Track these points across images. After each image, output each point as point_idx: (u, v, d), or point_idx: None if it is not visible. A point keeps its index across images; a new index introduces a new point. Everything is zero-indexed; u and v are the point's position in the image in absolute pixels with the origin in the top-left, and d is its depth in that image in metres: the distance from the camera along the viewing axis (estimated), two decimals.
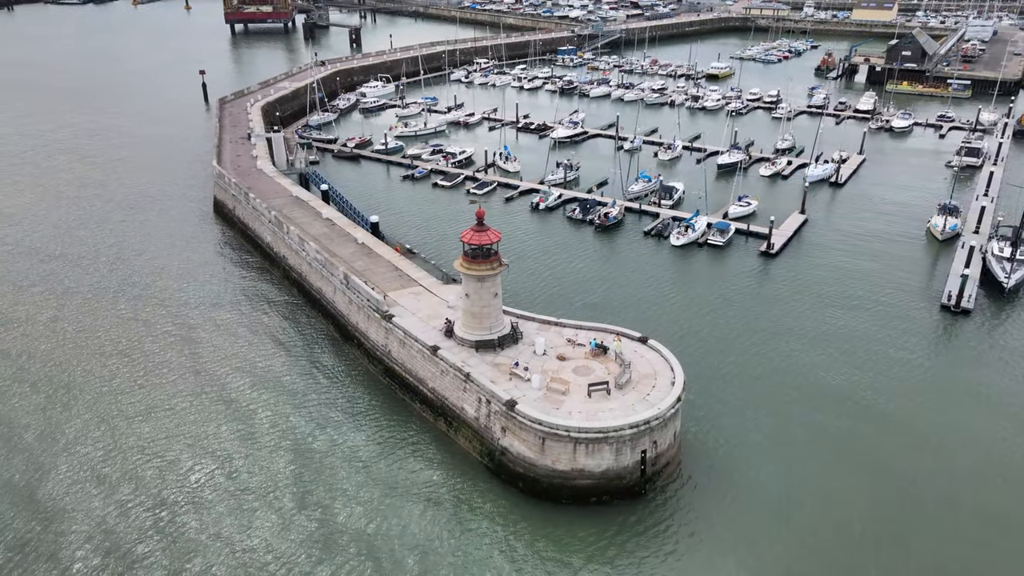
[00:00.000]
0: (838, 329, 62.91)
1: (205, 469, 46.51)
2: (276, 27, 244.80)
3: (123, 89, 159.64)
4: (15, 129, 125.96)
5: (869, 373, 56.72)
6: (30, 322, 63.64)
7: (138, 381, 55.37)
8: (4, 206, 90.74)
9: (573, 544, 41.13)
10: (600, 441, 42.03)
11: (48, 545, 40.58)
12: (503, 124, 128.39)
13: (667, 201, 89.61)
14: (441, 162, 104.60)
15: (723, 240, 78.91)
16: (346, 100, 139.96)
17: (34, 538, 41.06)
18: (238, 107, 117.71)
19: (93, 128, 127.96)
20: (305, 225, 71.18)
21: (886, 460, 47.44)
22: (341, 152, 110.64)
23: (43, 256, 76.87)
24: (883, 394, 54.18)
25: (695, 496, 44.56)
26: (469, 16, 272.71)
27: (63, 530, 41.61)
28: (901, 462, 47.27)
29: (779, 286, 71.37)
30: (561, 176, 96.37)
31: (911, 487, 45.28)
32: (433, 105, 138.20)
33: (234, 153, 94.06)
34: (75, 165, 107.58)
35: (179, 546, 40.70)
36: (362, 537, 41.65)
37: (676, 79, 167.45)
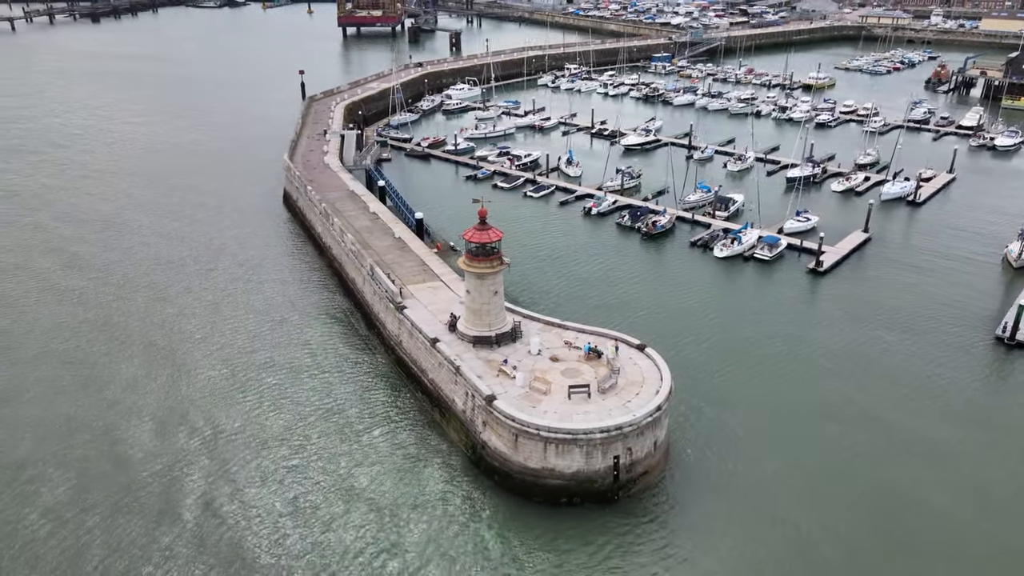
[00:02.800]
0: (874, 352, 59.83)
1: (206, 419, 50.27)
2: (384, 31, 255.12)
3: (234, 84, 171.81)
4: (130, 115, 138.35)
5: (896, 397, 53.85)
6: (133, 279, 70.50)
7: (188, 333, 60.40)
8: (107, 183, 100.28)
9: (537, 542, 41.66)
10: (569, 442, 42.43)
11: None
12: (578, 129, 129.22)
13: (722, 212, 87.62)
14: (506, 164, 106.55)
15: (770, 255, 76.48)
16: (430, 101, 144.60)
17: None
18: (324, 105, 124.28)
19: (199, 118, 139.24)
20: (351, 218, 74.91)
21: (900, 491, 45.13)
22: (413, 151, 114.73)
23: (138, 226, 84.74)
24: (908, 420, 51.30)
25: (671, 510, 43.91)
26: (572, 22, 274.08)
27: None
28: (918, 494, 44.83)
29: (820, 304, 68.68)
30: (618, 182, 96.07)
31: (933, 524, 42.90)
32: (514, 109, 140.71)
33: (307, 148, 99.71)
34: (175, 151, 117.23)
35: (171, 495, 44.45)
36: (330, 506, 44.01)
37: (769, 89, 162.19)
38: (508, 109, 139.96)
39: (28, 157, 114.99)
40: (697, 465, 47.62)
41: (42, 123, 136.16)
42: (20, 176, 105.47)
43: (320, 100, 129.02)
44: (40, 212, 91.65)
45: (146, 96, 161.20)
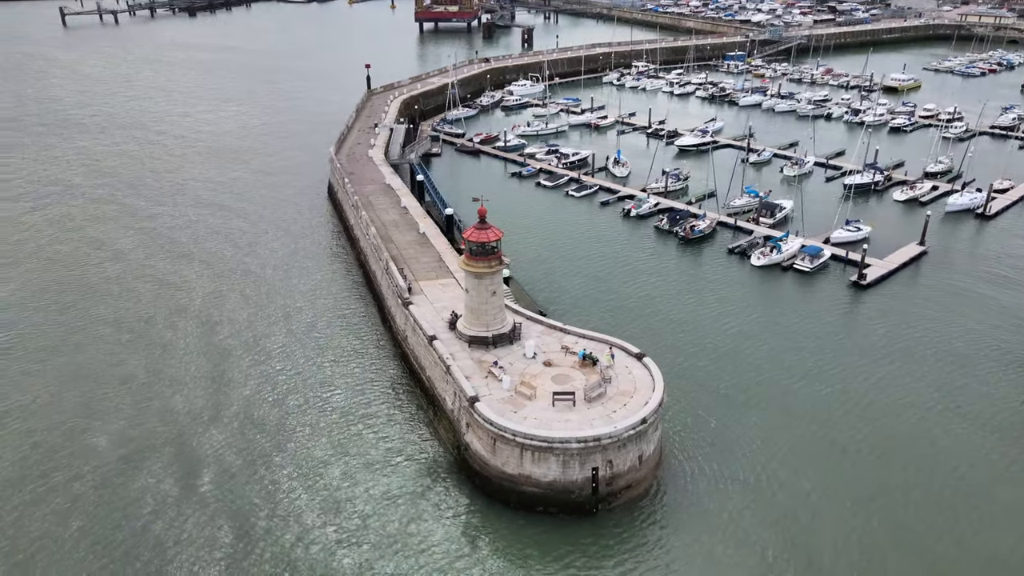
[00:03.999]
0: (907, 381, 55.69)
1: (203, 394, 51.73)
2: (460, 26, 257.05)
3: (308, 76, 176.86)
4: (207, 102, 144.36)
5: (925, 439, 49.97)
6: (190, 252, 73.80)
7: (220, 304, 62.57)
8: (177, 161, 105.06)
9: (506, 549, 40.98)
10: (545, 450, 41.41)
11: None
12: (634, 128, 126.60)
13: (767, 219, 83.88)
14: (553, 162, 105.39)
15: (811, 265, 72.69)
16: (490, 97, 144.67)
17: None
18: (382, 99, 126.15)
19: (269, 107, 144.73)
20: (381, 211, 75.70)
21: (914, 540, 42.14)
22: (464, 147, 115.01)
23: (198, 200, 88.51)
24: (938, 468, 47.61)
25: (651, 528, 42.33)
26: (650, 19, 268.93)
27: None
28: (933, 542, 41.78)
29: (856, 321, 64.71)
30: (662, 184, 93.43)
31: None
32: (573, 106, 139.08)
33: (355, 141, 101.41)
34: (242, 137, 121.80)
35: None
36: (311, 493, 44.60)
37: (847, 90, 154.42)
38: (567, 106, 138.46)
39: (112, 135, 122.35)
40: (691, 483, 45.71)
41: (126, 106, 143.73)
42: (103, 153, 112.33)
43: (379, 94, 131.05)
44: (115, 185, 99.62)
45: (224, 84, 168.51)
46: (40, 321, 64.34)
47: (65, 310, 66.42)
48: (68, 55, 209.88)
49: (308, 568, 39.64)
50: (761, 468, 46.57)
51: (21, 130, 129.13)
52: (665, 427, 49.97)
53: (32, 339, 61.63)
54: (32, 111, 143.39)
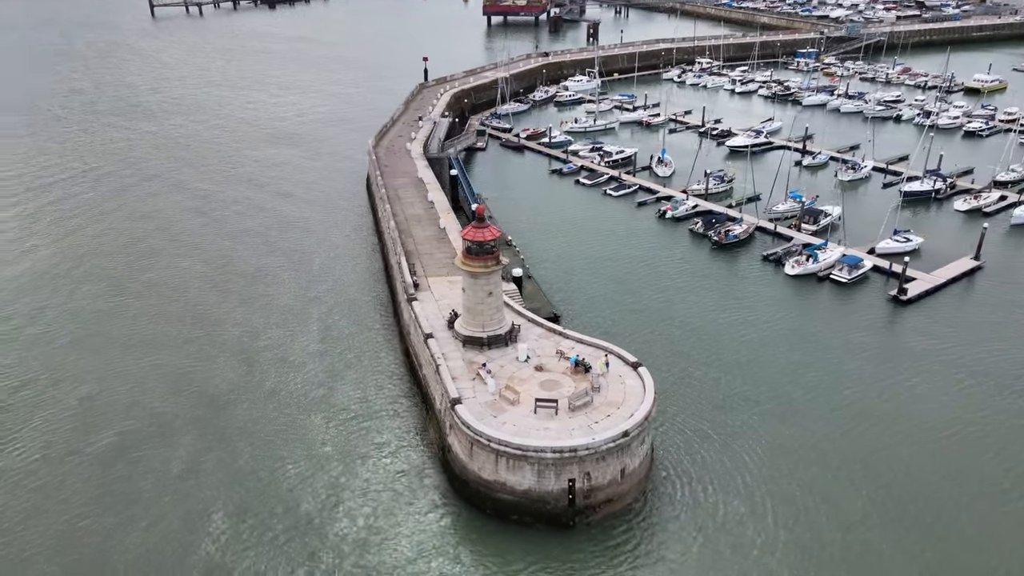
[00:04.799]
0: (937, 407, 51.75)
1: (202, 375, 52.69)
2: (529, 20, 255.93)
3: (370, 66, 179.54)
4: (270, 89, 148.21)
5: (937, 457, 46.58)
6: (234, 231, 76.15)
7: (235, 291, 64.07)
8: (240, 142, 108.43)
9: (473, 556, 40.13)
10: (520, 458, 40.24)
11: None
12: (687, 127, 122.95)
13: (809, 226, 79.75)
14: (596, 160, 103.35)
15: (849, 277, 68.71)
16: (544, 92, 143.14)
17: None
18: (433, 92, 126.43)
19: (329, 96, 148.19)
20: (407, 205, 75.68)
21: None
22: (509, 142, 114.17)
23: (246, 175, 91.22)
24: (947, 485, 44.34)
25: (629, 545, 40.59)
26: (724, 14, 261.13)
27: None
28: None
29: (890, 339, 60.65)
30: (703, 186, 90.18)
31: None
32: (628, 103, 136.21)
33: (397, 134, 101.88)
34: (297, 125, 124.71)
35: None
36: (293, 481, 44.86)
37: (924, 91, 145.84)
38: (621, 103, 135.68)
39: (177, 119, 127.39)
40: (681, 502, 43.66)
41: (194, 93, 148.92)
42: (166, 135, 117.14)
43: (431, 87, 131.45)
44: (173, 165, 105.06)
45: (289, 73, 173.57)
46: (89, 287, 67.32)
47: (109, 276, 71.07)
48: (150, 44, 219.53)
49: (264, 557, 39.72)
50: (761, 492, 44.04)
51: (95, 113, 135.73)
52: (661, 440, 48.22)
53: (85, 300, 65.52)
54: (108, 95, 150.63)
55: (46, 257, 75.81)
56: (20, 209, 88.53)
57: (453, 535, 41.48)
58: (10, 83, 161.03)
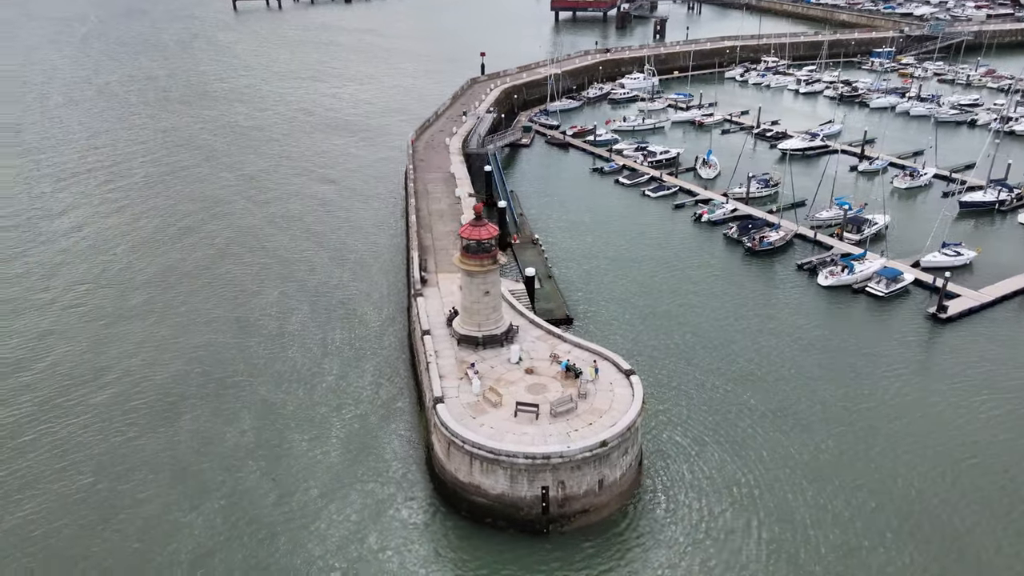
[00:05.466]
0: (953, 432, 48.40)
1: (210, 353, 54.01)
2: (597, 15, 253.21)
3: (431, 59, 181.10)
4: (328, 80, 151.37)
5: (954, 497, 43.46)
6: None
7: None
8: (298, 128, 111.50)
9: (448, 557, 39.75)
10: (493, 462, 39.60)
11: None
12: (740, 128, 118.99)
13: (852, 235, 75.78)
14: (640, 159, 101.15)
15: (886, 290, 64.97)
16: (598, 89, 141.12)
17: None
18: (483, 87, 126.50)
19: (384, 87, 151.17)
20: (434, 200, 75.83)
21: None
22: (554, 139, 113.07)
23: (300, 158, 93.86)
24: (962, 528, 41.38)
25: (602, 559, 39.41)
26: (801, 11, 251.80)
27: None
28: None
29: (917, 358, 56.94)
30: (744, 190, 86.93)
31: None
32: (684, 102, 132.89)
33: (439, 128, 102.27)
34: (350, 115, 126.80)
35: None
36: (272, 464, 45.70)
37: (1007, 94, 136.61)
38: (676, 102, 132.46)
39: (239, 106, 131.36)
40: (665, 517, 42.07)
41: (258, 82, 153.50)
42: (226, 120, 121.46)
43: (482, 82, 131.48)
44: (228, 148, 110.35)
45: (351, 64, 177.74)
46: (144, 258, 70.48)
47: (154, 250, 75.33)
48: (227, 36, 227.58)
49: (243, 542, 40.39)
50: (753, 513, 42.00)
51: (164, 99, 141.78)
52: (655, 451, 46.75)
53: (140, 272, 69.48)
54: (180, 83, 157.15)
55: (96, 232, 79.51)
56: (76, 189, 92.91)
57: (426, 534, 41.19)
58: (97, 70, 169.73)
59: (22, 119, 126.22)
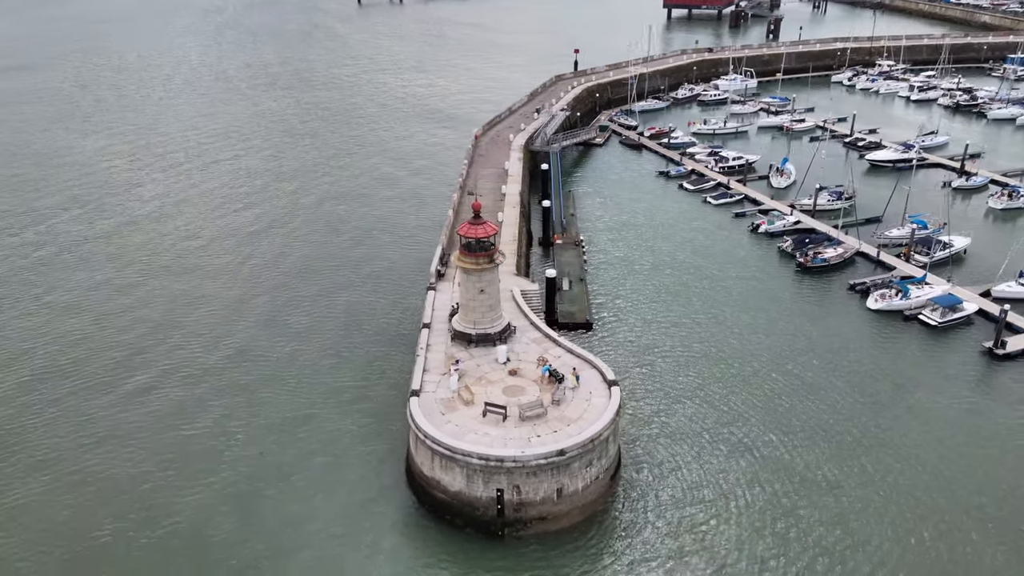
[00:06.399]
0: (964, 478, 44.19)
1: (224, 329, 57.02)
2: (711, 13, 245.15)
3: (528, 53, 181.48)
4: (427, 72, 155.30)
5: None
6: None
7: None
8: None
9: (403, 547, 40.44)
10: (450, 459, 39.84)
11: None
12: (832, 136, 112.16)
13: (921, 256, 69.93)
14: (711, 164, 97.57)
15: (940, 319, 59.71)
16: (688, 90, 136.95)
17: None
18: (566, 85, 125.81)
19: (474, 80, 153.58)
20: (480, 196, 76.27)
21: None
22: (628, 140, 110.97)
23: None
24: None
25: (554, 570, 38.88)
26: (939, 11, 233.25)
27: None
28: None
29: (953, 397, 51.91)
30: (811, 202, 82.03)
31: None
32: (780, 106, 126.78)
33: (508, 124, 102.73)
34: (438, 107, 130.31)
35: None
36: (244, 442, 47.88)
37: None
38: (769, 106, 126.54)
39: (335, 93, 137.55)
40: (630, 535, 40.92)
41: (359, 72, 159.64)
42: (320, 106, 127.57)
43: (567, 79, 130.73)
44: (315, 131, 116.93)
45: (451, 56, 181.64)
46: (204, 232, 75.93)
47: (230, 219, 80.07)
48: (344, 28, 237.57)
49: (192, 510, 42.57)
50: (725, 544, 40.09)
51: (272, 86, 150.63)
52: (639, 464, 45.53)
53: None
54: (288, 71, 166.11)
55: (185, 206, 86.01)
56: (169, 171, 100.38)
57: (389, 522, 41.83)
58: (220, 57, 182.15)
59: (141, 102, 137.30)
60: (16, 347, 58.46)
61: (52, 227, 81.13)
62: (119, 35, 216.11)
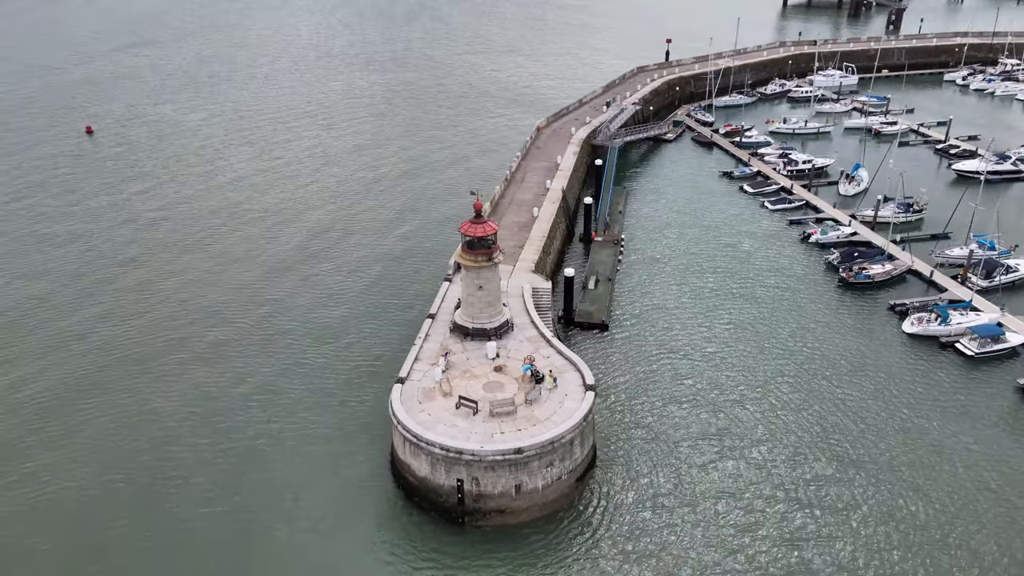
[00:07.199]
0: (969, 536, 42.15)
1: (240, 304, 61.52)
2: (831, 1, 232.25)
3: (620, 40, 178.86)
4: (539, 59, 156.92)
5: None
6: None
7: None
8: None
9: (374, 526, 42.95)
10: (416, 446, 42.16)
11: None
12: (924, 141, 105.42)
13: (980, 280, 65.49)
14: (779, 167, 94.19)
15: (977, 350, 56.18)
16: (779, 85, 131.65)
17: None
18: (646, 77, 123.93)
19: (571, 62, 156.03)
20: (524, 189, 77.80)
21: None
22: (700, 137, 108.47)
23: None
24: None
25: (508, 561, 40.54)
26: None
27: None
28: None
29: (969, 436, 49.05)
30: (872, 213, 78.04)
31: None
32: (876, 106, 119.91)
33: (574, 117, 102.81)
34: (526, 92, 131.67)
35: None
36: (242, 408, 51.76)
37: None
38: (864, 105, 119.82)
39: (421, 73, 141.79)
40: (593, 538, 41.91)
41: (456, 55, 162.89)
42: (405, 85, 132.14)
43: (649, 71, 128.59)
44: (400, 111, 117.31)
45: (544, 39, 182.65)
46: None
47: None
48: (451, 10, 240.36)
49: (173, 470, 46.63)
50: (688, 557, 40.52)
51: (366, 64, 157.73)
52: (624, 467, 46.38)
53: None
54: (385, 50, 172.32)
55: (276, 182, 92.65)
56: (254, 143, 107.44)
57: (363, 497, 44.64)
58: (330, 37, 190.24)
59: (247, 79, 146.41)
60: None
61: (142, 192, 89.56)
62: (245, 12, 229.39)
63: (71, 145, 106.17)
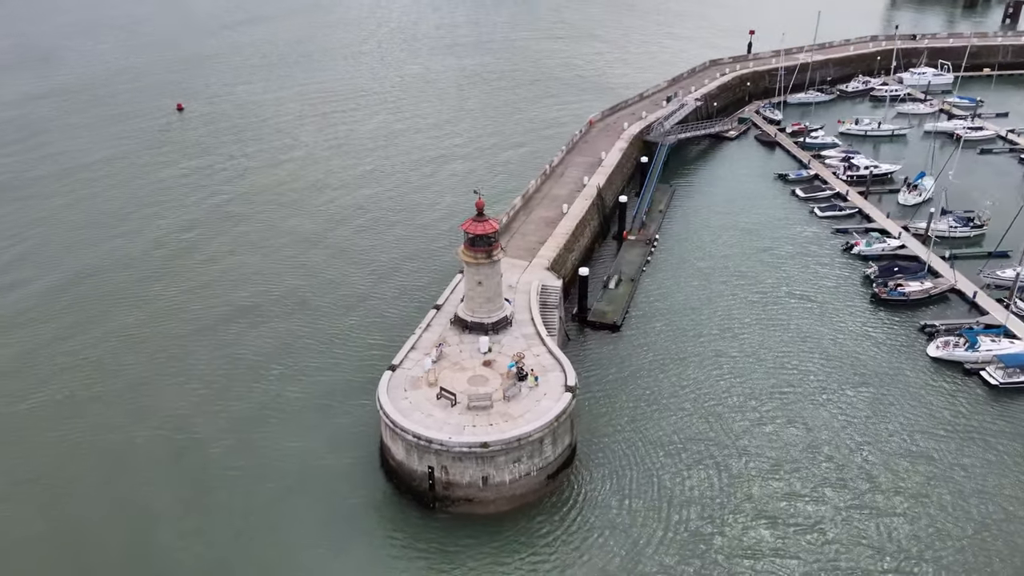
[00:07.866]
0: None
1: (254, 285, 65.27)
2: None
3: (710, 29, 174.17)
4: (600, 51, 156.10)
5: None
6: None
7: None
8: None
9: (360, 499, 45.82)
10: (393, 431, 44.54)
11: None
12: (1011, 149, 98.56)
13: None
14: (840, 171, 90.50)
15: (1003, 380, 53.33)
16: (862, 83, 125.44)
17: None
18: (716, 71, 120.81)
19: (643, 53, 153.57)
20: (560, 185, 78.39)
21: None
22: (763, 136, 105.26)
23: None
24: None
25: (473, 547, 42.44)
26: None
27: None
28: None
29: (976, 472, 46.90)
30: (924, 226, 74.19)
31: None
32: (967, 107, 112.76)
33: (631, 112, 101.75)
34: (589, 78, 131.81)
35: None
36: (244, 393, 54.76)
37: None
38: (954, 107, 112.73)
39: (489, 57, 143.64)
40: (557, 536, 43.17)
41: (531, 40, 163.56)
42: (469, 69, 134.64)
43: (722, 64, 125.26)
44: (462, 93, 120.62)
45: (628, 29, 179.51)
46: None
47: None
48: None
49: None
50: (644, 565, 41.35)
51: (449, 48, 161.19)
52: (595, 468, 47.27)
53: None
54: (467, 34, 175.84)
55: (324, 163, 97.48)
56: (323, 124, 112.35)
57: (354, 476, 47.51)
58: (417, 20, 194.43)
59: (332, 61, 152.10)
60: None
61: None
62: None
63: (161, 122, 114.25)
